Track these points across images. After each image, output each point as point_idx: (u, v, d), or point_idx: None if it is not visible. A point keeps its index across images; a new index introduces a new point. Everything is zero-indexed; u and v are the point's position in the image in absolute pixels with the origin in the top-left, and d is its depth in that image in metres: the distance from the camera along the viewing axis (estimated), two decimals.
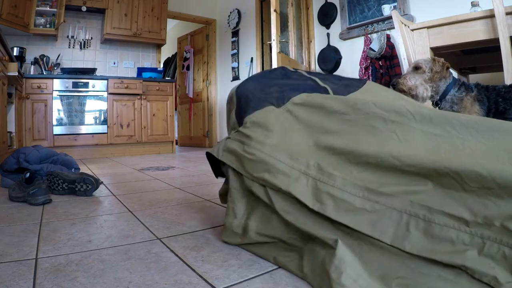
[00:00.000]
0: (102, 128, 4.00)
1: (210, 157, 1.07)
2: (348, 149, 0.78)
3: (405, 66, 1.98)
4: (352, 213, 0.67)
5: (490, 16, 1.60)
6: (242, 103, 1.05)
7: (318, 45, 3.94)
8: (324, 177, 0.74)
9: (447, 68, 1.34)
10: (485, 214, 0.55)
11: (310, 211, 0.72)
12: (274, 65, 2.83)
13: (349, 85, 1.05)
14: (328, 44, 3.79)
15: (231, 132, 1.06)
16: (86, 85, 3.89)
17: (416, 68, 1.37)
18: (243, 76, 5.04)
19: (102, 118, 4.01)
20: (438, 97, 1.38)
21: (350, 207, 0.67)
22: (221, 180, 1.12)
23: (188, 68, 6.01)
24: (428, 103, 1.48)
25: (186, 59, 6.05)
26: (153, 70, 4.58)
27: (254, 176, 0.84)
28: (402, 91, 1.36)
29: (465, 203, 0.58)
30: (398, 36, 2.00)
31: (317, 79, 1.07)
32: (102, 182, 1.74)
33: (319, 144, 0.85)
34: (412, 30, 1.93)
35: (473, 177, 0.58)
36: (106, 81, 4.00)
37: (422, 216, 0.60)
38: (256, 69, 4.80)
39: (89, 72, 4.07)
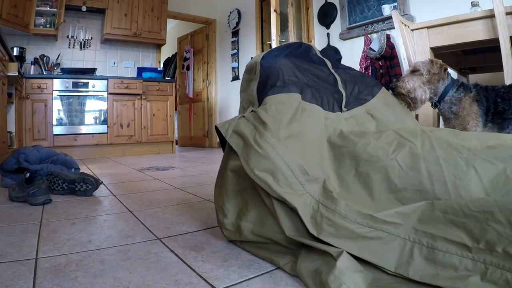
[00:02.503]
0: (102, 128, 4.00)
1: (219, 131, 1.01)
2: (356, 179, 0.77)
3: (405, 66, 1.98)
4: (353, 240, 0.65)
5: (490, 16, 1.60)
6: (269, 79, 0.97)
7: (318, 45, 3.94)
8: (328, 201, 0.71)
9: (445, 70, 1.34)
10: (486, 240, 0.55)
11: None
12: None
13: (359, 94, 1.04)
14: (328, 44, 3.79)
15: (248, 107, 0.99)
16: (86, 85, 3.89)
17: (414, 70, 1.36)
18: None
19: (102, 118, 4.01)
20: (437, 99, 1.38)
21: (351, 234, 0.65)
22: None
23: (188, 68, 6.00)
24: (427, 105, 1.48)
25: (186, 59, 6.05)
26: (153, 70, 4.58)
27: (255, 173, 0.77)
28: (400, 94, 1.36)
29: (466, 228, 0.58)
30: (398, 36, 2.00)
31: (338, 79, 1.05)
32: (102, 182, 1.74)
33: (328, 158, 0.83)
34: (412, 30, 1.92)
35: (476, 203, 0.58)
36: (106, 81, 4.00)
37: (426, 243, 0.60)
38: None
39: (89, 72, 4.07)
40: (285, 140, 0.80)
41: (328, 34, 3.81)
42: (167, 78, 5.56)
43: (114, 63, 4.71)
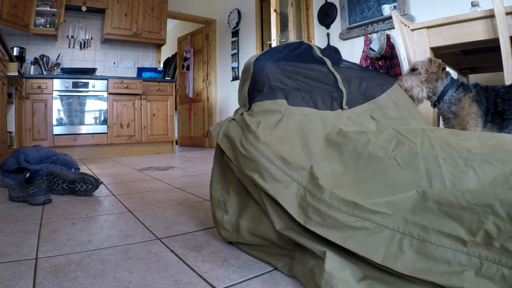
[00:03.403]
0: (102, 128, 4.00)
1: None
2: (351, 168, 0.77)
3: (405, 66, 1.98)
4: (339, 230, 0.63)
5: (490, 16, 1.60)
6: (257, 83, 0.99)
7: (318, 45, 3.94)
8: (314, 188, 0.70)
9: (443, 69, 1.34)
10: (483, 234, 0.54)
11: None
12: None
13: (367, 90, 1.02)
14: (328, 44, 3.79)
15: (241, 108, 1.00)
16: (86, 85, 3.89)
17: (413, 69, 1.37)
18: None
19: (102, 118, 4.01)
20: (436, 98, 1.38)
21: (337, 223, 0.64)
22: None
23: (188, 68, 6.01)
24: (427, 104, 1.48)
25: (186, 59, 6.05)
26: (153, 70, 4.58)
27: (246, 173, 0.80)
28: None
29: (462, 221, 0.56)
30: (398, 36, 2.00)
31: (338, 78, 1.03)
32: (102, 182, 1.74)
33: (318, 154, 0.82)
34: (412, 30, 1.92)
35: (474, 195, 0.57)
36: (106, 81, 4.00)
37: (417, 236, 0.58)
38: None
39: (89, 72, 4.07)
40: (266, 138, 0.82)
41: (328, 34, 3.80)
42: (167, 78, 5.56)
43: (114, 63, 4.70)
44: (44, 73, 3.90)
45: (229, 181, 0.91)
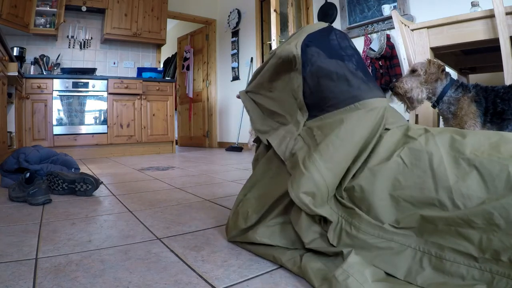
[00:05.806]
0: (102, 128, 4.00)
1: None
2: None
3: (405, 66, 1.98)
4: (367, 250, 0.68)
5: (490, 16, 1.60)
6: (320, 85, 0.87)
7: None
8: (346, 214, 0.75)
9: (443, 70, 1.34)
10: (492, 250, 0.57)
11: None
12: None
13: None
14: None
15: (295, 111, 0.90)
16: (86, 85, 3.89)
17: (413, 71, 1.38)
18: (243, 76, 5.04)
19: (102, 118, 4.01)
20: (435, 99, 1.38)
21: (365, 244, 0.69)
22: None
23: (188, 68, 6.01)
24: (427, 105, 1.49)
25: (186, 59, 6.05)
26: (153, 70, 4.58)
27: (299, 196, 0.75)
28: (398, 94, 1.38)
29: (472, 239, 0.60)
30: (398, 36, 2.00)
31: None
32: (102, 182, 1.74)
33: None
34: (412, 30, 1.92)
35: (481, 216, 0.60)
36: (106, 81, 4.00)
37: (434, 253, 0.63)
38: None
39: (89, 72, 4.07)
40: (329, 160, 0.78)
41: None
42: (167, 78, 5.56)
43: (114, 63, 4.70)
44: (44, 73, 3.90)
45: (272, 193, 0.87)
